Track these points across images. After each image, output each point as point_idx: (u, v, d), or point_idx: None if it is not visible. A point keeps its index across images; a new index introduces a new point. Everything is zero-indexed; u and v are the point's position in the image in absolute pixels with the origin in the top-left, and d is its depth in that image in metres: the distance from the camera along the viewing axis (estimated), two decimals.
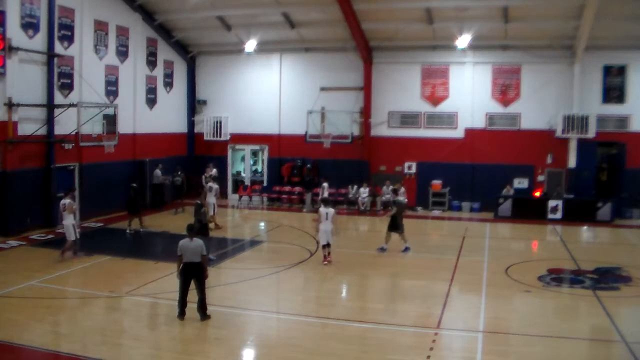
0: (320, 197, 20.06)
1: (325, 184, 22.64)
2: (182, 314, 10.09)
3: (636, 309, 11.86)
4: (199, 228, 13.83)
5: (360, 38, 23.29)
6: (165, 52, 25.20)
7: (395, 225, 15.93)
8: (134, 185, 18.91)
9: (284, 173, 25.63)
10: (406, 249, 15.92)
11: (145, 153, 23.09)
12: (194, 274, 10.05)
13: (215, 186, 19.83)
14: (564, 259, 15.51)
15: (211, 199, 19.10)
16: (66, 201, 14.44)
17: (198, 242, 10.11)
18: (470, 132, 23.95)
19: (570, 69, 22.71)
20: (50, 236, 17.41)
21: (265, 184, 26.44)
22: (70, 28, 19.34)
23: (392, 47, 24.16)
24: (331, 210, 14.60)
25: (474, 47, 22.92)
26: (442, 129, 24.31)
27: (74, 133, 18.90)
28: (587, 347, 9.54)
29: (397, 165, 24.85)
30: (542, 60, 22.97)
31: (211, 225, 18.80)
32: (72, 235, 14.21)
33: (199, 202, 15.09)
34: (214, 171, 22.69)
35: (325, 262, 14.50)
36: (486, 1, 20.88)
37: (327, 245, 14.50)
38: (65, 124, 18.65)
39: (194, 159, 26.83)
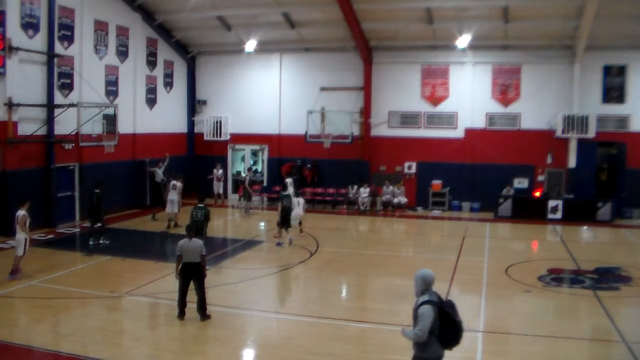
0: (284, 192, 19.94)
1: (288, 180, 22.73)
2: (182, 314, 10.08)
3: (636, 309, 11.86)
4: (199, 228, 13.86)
5: (360, 38, 23.28)
6: (165, 52, 25.20)
7: (282, 219, 16.24)
8: (97, 191, 16.10)
9: (284, 173, 25.61)
10: (279, 244, 16.25)
11: (145, 153, 23.07)
12: (193, 274, 10.04)
13: (178, 184, 19.08)
14: (564, 259, 15.51)
15: (173, 196, 18.69)
16: (21, 213, 12.79)
17: (197, 242, 10.09)
18: (470, 132, 23.94)
19: (570, 69, 22.71)
20: (50, 236, 17.41)
21: (265, 184, 26.44)
22: (70, 28, 19.32)
23: (392, 47, 24.15)
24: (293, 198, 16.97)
25: (474, 47, 22.91)
26: (442, 129, 24.29)
27: (74, 133, 18.89)
28: (587, 347, 9.52)
29: (397, 165, 24.84)
30: (542, 60, 22.94)
31: (172, 224, 18.82)
32: (21, 250, 12.64)
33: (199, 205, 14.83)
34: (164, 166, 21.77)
35: (277, 237, 16.49)
36: (486, 1, 20.89)
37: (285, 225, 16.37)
38: (65, 124, 18.62)
39: (194, 159, 26.84)
